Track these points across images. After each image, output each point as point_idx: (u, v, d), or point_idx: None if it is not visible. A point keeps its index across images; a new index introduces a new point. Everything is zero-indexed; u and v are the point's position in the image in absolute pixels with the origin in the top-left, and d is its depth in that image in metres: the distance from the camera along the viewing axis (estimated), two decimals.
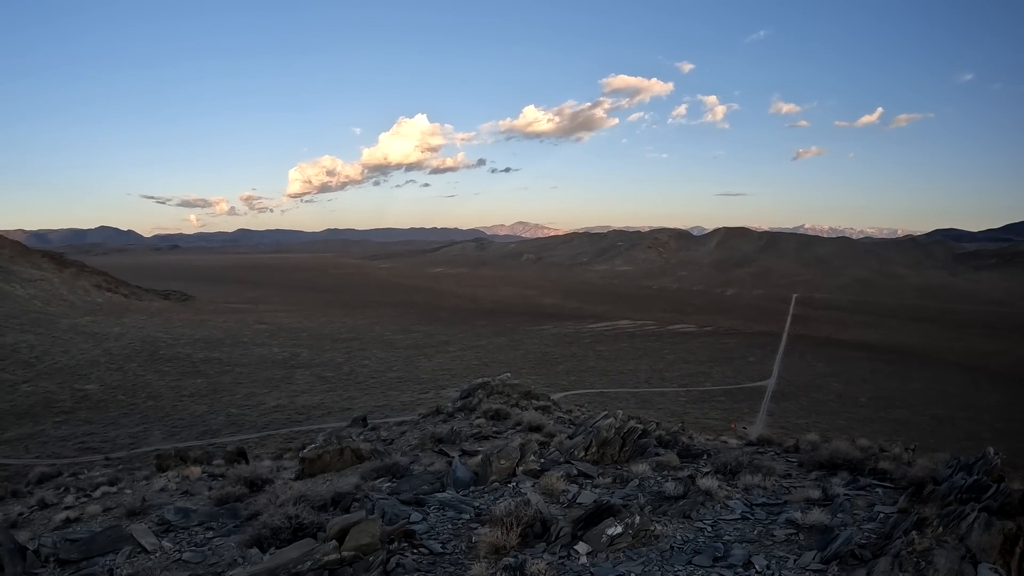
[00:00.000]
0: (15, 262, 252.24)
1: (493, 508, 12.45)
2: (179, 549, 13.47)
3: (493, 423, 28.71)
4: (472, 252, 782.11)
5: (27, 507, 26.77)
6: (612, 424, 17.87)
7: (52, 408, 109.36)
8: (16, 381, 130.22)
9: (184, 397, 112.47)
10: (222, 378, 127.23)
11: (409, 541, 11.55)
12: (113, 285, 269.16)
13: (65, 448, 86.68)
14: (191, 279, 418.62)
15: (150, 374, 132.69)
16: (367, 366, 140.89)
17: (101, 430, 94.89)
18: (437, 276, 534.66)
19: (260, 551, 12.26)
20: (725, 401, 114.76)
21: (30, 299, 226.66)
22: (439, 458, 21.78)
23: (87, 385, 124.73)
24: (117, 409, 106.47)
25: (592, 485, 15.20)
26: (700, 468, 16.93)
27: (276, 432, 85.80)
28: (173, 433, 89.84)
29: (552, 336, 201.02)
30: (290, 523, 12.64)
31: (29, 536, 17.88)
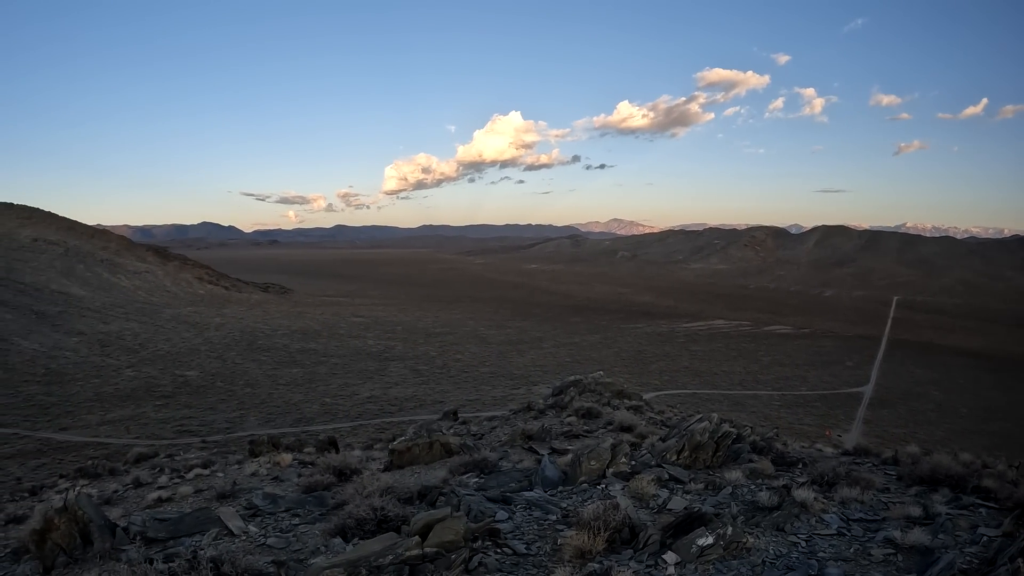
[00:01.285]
0: (121, 255, 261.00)
1: (581, 510, 12.14)
2: (264, 534, 13.56)
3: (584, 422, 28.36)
4: (567, 249, 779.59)
5: (122, 485, 27.40)
6: (706, 428, 17.35)
7: (153, 392, 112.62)
8: (120, 366, 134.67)
9: (280, 385, 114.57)
10: (318, 368, 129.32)
11: (493, 540, 11.34)
12: (214, 278, 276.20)
13: (164, 430, 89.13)
14: (289, 273, 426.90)
15: (248, 363, 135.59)
16: (460, 360, 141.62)
17: (199, 414, 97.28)
18: (531, 272, 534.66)
19: (344, 541, 12.24)
20: (820, 407, 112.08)
21: (135, 290, 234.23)
22: (528, 455, 21.54)
23: (188, 371, 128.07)
24: (215, 395, 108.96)
25: (683, 491, 14.74)
26: (795, 478, 16.26)
27: (368, 422, 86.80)
28: (268, 420, 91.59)
29: (646, 335, 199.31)
30: (375, 515, 12.57)
31: (121, 513, 18.23)
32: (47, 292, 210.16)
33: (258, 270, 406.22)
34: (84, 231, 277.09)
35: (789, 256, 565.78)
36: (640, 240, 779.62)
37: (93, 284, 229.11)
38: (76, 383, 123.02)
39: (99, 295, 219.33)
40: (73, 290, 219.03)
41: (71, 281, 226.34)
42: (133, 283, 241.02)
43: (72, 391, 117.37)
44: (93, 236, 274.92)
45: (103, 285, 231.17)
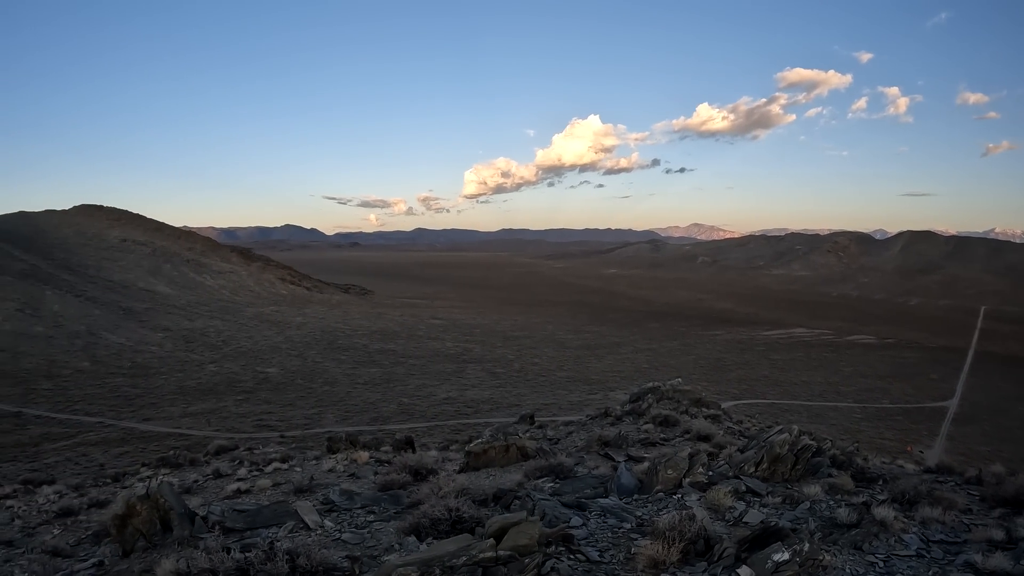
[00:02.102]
0: (207, 256, 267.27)
1: (656, 520, 12.01)
2: (339, 529, 13.72)
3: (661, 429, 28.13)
4: (646, 253, 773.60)
5: (202, 476, 28.00)
6: (786, 439, 17.02)
7: (235, 387, 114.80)
8: (204, 361, 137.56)
9: (359, 384, 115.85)
10: (396, 369, 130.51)
11: (567, 546, 11.31)
12: (296, 278, 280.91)
13: (244, 424, 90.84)
14: (370, 275, 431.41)
15: (328, 361, 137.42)
16: (537, 364, 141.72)
17: (278, 410, 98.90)
18: (610, 277, 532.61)
19: (417, 540, 12.31)
20: (902, 421, 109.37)
21: (219, 289, 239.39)
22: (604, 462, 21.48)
23: (268, 368, 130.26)
24: (295, 392, 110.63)
25: (760, 504, 14.46)
26: (875, 495, 15.81)
27: (444, 423, 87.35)
28: (346, 417, 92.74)
29: (725, 342, 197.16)
30: (450, 515, 12.63)
31: (200, 502, 18.62)
32: (134, 290, 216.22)
33: (339, 272, 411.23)
34: (171, 232, 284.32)
35: (873, 263, 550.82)
36: (720, 245, 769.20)
37: (179, 283, 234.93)
38: (160, 376, 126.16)
39: (184, 293, 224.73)
40: (159, 288, 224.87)
41: (158, 280, 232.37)
42: (217, 282, 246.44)
43: (156, 384, 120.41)
44: (179, 237, 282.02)
45: (188, 284, 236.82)
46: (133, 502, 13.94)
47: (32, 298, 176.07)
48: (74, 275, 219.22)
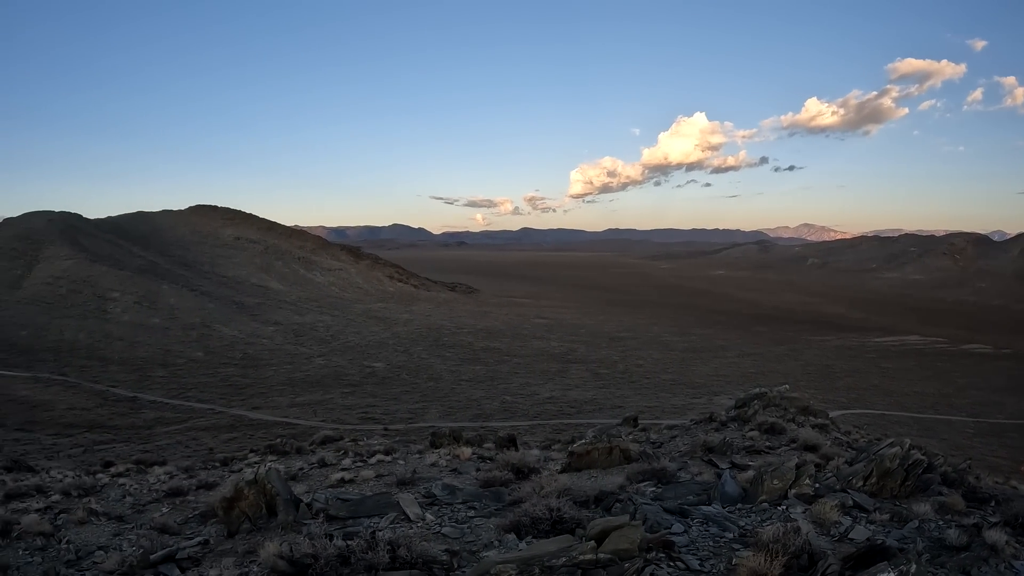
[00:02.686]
0: (317, 254, 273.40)
1: (760, 531, 11.74)
2: (440, 523, 13.83)
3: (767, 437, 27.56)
4: (754, 255, 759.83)
5: (308, 464, 28.55)
6: (896, 453, 16.45)
7: (341, 380, 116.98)
8: (312, 355, 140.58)
9: (462, 381, 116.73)
10: (500, 367, 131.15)
11: (667, 552, 11.18)
12: (404, 276, 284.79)
13: (349, 416, 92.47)
14: (476, 273, 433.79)
15: (433, 358, 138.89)
16: (641, 366, 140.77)
17: (383, 403, 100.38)
18: (718, 278, 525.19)
19: (517, 538, 12.33)
20: (1017, 438, 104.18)
21: (329, 285, 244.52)
22: (707, 468, 21.14)
23: (375, 363, 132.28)
24: (400, 386, 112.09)
25: (867, 520, 13.96)
26: (986, 517, 15.11)
27: (546, 423, 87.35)
28: (449, 413, 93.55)
29: (834, 348, 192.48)
30: (551, 515, 12.62)
31: (305, 490, 19.01)
32: (247, 285, 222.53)
33: (446, 270, 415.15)
34: (282, 231, 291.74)
35: (991, 266, 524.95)
36: (831, 247, 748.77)
37: (290, 279, 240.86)
38: (270, 368, 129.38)
39: (295, 289, 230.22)
40: (271, 284, 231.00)
41: (269, 276, 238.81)
42: (327, 279, 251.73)
43: (266, 375, 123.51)
44: (291, 235, 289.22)
45: (299, 280, 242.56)
46: (241, 486, 14.42)
47: (150, 292, 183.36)
48: (189, 271, 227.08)
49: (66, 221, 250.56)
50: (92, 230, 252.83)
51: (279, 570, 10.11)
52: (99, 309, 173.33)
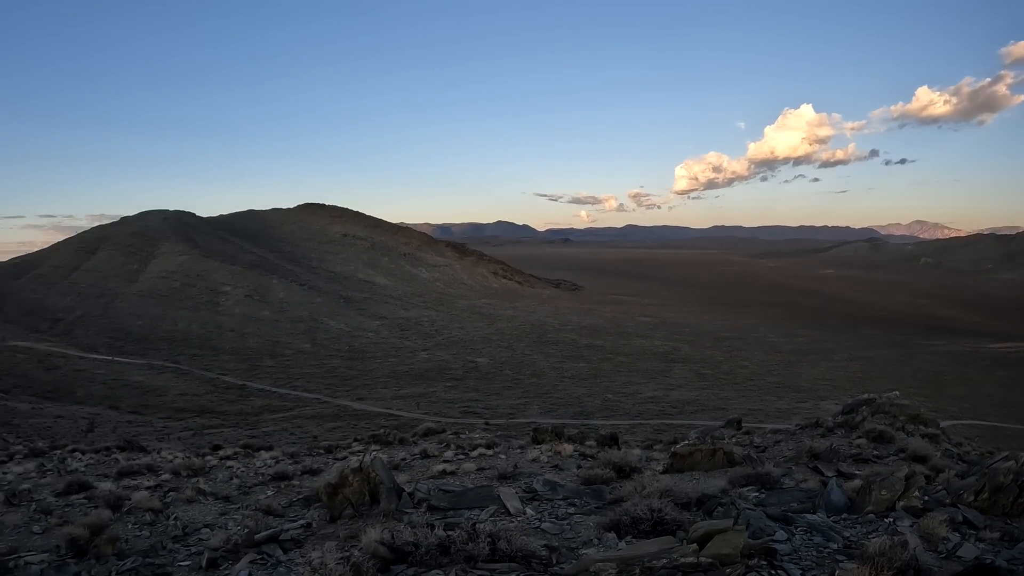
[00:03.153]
0: (422, 250, 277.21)
1: (865, 543, 11.36)
2: (540, 518, 13.78)
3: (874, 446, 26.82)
4: (864, 253, 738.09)
5: (410, 455, 28.96)
6: (1011, 468, 15.77)
7: (445, 374, 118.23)
8: (416, 349, 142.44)
9: (565, 378, 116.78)
10: (602, 364, 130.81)
11: (769, 560, 10.96)
12: (508, 273, 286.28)
13: (450, 409, 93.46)
14: (580, 270, 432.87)
15: (536, 354, 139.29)
16: (746, 367, 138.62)
17: (485, 398, 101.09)
18: (825, 278, 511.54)
19: (617, 537, 12.28)
20: None
21: (434, 281, 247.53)
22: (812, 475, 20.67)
23: (478, 358, 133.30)
24: (502, 382, 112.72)
25: (976, 538, 13.41)
26: None
27: (647, 422, 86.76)
28: (550, 410, 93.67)
29: (945, 354, 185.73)
30: (652, 515, 12.51)
31: (407, 479, 19.25)
32: (354, 280, 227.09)
33: (550, 267, 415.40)
34: (388, 228, 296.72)
35: None
36: (945, 245, 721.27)
37: (396, 275, 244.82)
38: (375, 360, 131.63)
39: (400, 285, 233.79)
40: (377, 280, 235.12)
41: (376, 272, 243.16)
42: (432, 275, 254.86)
43: (370, 367, 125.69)
44: (396, 232, 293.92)
45: (404, 276, 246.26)
46: (347, 473, 14.73)
47: (260, 286, 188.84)
48: (298, 266, 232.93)
49: (180, 219, 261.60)
50: (205, 227, 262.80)
51: (380, 556, 10.27)
52: (211, 302, 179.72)
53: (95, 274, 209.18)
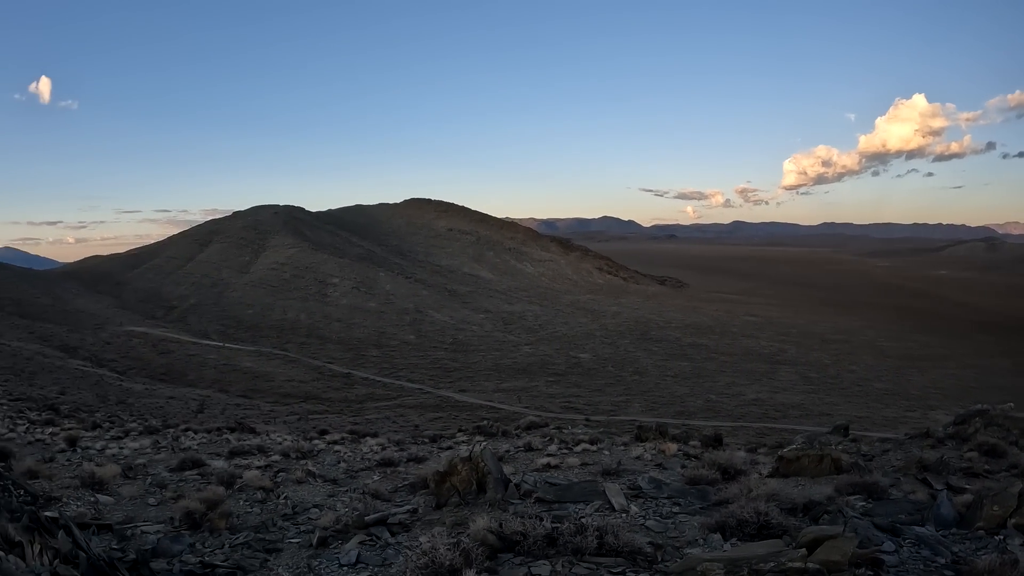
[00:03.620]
0: (527, 245, 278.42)
1: (974, 560, 11.09)
2: (644, 515, 13.87)
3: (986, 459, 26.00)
4: (981, 254, 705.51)
5: (514, 447, 29.29)
6: None
7: (547, 369, 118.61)
8: (519, 343, 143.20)
9: (667, 377, 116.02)
10: (706, 364, 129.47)
11: (875, 570, 10.83)
12: (613, 269, 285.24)
13: (551, 404, 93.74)
14: (685, 267, 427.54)
15: (639, 351, 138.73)
16: (853, 372, 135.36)
17: (586, 394, 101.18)
18: (939, 280, 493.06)
19: (722, 538, 12.31)
20: None
21: (539, 276, 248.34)
22: (921, 487, 20.23)
23: (581, 354, 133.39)
24: (604, 378, 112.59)
25: None
26: None
27: (749, 425, 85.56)
28: (651, 408, 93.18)
29: None
30: (758, 519, 12.48)
31: (511, 471, 19.53)
32: (459, 274, 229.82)
33: (655, 263, 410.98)
34: (494, 222, 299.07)
35: None
36: None
37: (500, 269, 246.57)
38: (478, 353, 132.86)
39: (505, 279, 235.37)
40: (482, 274, 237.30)
41: (481, 266, 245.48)
42: (537, 270, 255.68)
43: (473, 360, 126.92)
44: (502, 227, 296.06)
45: (509, 270, 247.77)
46: (456, 461, 15.16)
47: (367, 278, 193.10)
48: (404, 259, 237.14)
49: (290, 213, 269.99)
50: (314, 221, 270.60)
51: (488, 543, 10.52)
52: (320, 293, 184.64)
53: (208, 265, 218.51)
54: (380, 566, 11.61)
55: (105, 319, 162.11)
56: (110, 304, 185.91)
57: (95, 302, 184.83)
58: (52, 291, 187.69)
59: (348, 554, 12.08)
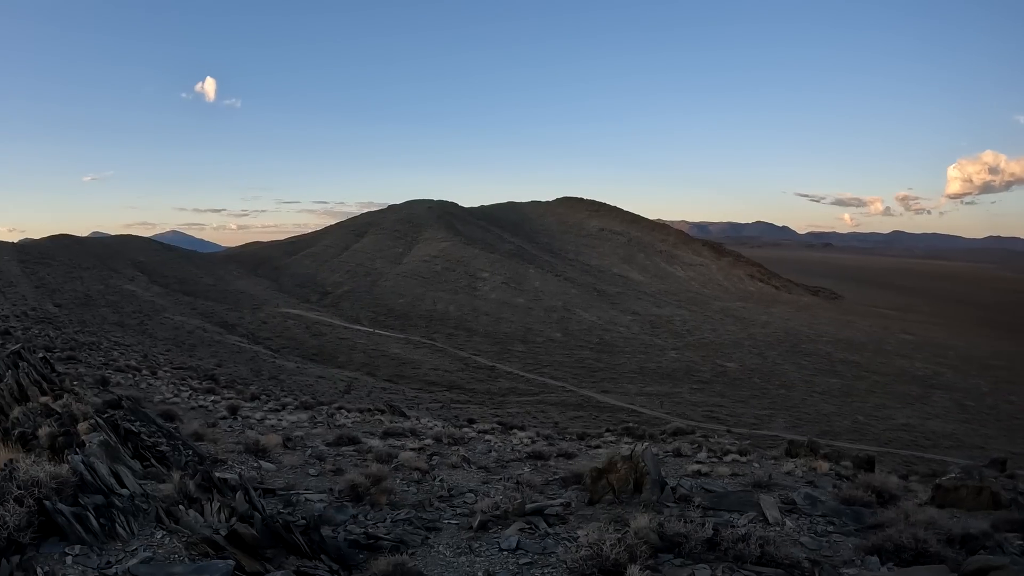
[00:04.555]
0: (678, 248, 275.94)
1: None
2: (798, 531, 13.88)
3: None
4: None
5: (662, 451, 29.35)
6: None
7: (692, 376, 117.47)
8: (665, 347, 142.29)
9: (815, 393, 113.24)
10: (856, 383, 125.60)
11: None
12: (765, 276, 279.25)
13: (694, 412, 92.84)
14: (840, 278, 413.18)
15: (787, 364, 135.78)
16: (1012, 403, 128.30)
17: (730, 405, 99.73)
18: None
19: (879, 561, 12.25)
20: None
21: (688, 280, 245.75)
22: None
23: (727, 363, 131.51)
24: (749, 390, 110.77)
25: None
26: None
27: (896, 452, 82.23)
28: (795, 425, 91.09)
29: None
30: (916, 545, 12.37)
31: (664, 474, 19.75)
32: (608, 274, 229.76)
33: (808, 272, 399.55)
34: (645, 224, 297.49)
35: None
36: None
37: (650, 271, 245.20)
38: (623, 355, 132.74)
39: (655, 282, 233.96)
40: (632, 275, 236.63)
41: (631, 267, 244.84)
42: (687, 274, 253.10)
43: (618, 361, 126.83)
44: (653, 229, 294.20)
45: (659, 273, 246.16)
46: (616, 459, 15.52)
47: (517, 274, 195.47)
48: (555, 257, 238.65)
49: (443, 208, 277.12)
50: (466, 216, 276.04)
51: (650, 542, 10.77)
52: (469, 286, 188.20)
53: (363, 255, 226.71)
54: (540, 554, 12.02)
55: (263, 300, 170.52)
56: (268, 287, 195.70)
57: (254, 284, 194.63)
58: (215, 272, 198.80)
59: (508, 540, 12.55)
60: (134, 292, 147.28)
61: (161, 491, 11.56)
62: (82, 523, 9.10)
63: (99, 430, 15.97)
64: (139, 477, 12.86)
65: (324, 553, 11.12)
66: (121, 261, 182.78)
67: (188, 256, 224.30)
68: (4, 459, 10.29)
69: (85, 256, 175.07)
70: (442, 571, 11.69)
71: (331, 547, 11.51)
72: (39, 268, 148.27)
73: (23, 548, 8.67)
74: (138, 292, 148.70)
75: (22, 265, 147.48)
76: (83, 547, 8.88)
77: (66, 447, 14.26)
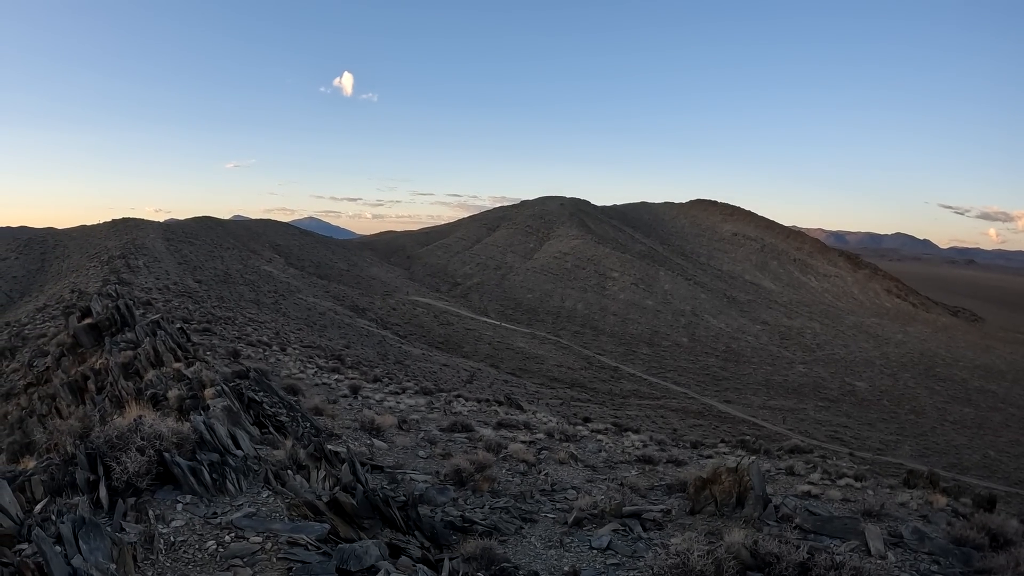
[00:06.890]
0: (813, 257, 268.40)
1: None
2: (900, 566, 13.50)
3: None
4: None
5: (775, 468, 28.83)
6: None
7: (818, 393, 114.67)
8: (794, 360, 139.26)
9: (946, 422, 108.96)
10: (992, 415, 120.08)
11: None
12: (903, 292, 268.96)
13: (816, 431, 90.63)
14: (983, 299, 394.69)
15: (920, 388, 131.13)
16: None
17: (855, 426, 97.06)
18: None
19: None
20: None
21: (822, 292, 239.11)
22: None
23: (857, 382, 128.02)
24: (877, 412, 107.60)
25: None
26: None
27: None
28: (922, 454, 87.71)
29: None
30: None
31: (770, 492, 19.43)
32: (740, 281, 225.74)
33: (949, 291, 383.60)
34: (780, 231, 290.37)
35: None
36: None
37: (783, 280, 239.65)
38: (750, 365, 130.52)
39: (787, 291, 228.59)
40: (764, 283, 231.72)
41: (763, 275, 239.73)
42: (821, 285, 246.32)
43: (744, 372, 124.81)
44: (788, 236, 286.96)
45: (792, 283, 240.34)
46: (721, 470, 15.40)
47: (647, 276, 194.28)
48: (686, 261, 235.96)
49: (576, 206, 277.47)
50: (598, 215, 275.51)
51: (741, 559, 10.62)
52: (599, 285, 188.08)
53: (494, 248, 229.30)
54: (629, 556, 12.07)
55: (394, 287, 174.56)
56: (400, 275, 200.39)
57: (387, 271, 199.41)
58: (349, 258, 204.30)
59: (600, 539, 12.64)
60: (271, 273, 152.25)
61: (273, 456, 12.51)
62: (196, 476, 10.18)
63: (223, 396, 16.95)
64: (255, 441, 13.69)
65: (419, 530, 11.68)
66: (260, 243, 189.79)
67: (324, 242, 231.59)
68: (135, 415, 11.24)
69: (226, 237, 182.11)
70: (529, 561, 11.87)
71: (426, 525, 11.96)
72: (183, 246, 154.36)
73: (140, 492, 9.86)
74: (275, 273, 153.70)
75: (167, 243, 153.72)
76: (194, 497, 9.97)
77: (192, 409, 15.22)
